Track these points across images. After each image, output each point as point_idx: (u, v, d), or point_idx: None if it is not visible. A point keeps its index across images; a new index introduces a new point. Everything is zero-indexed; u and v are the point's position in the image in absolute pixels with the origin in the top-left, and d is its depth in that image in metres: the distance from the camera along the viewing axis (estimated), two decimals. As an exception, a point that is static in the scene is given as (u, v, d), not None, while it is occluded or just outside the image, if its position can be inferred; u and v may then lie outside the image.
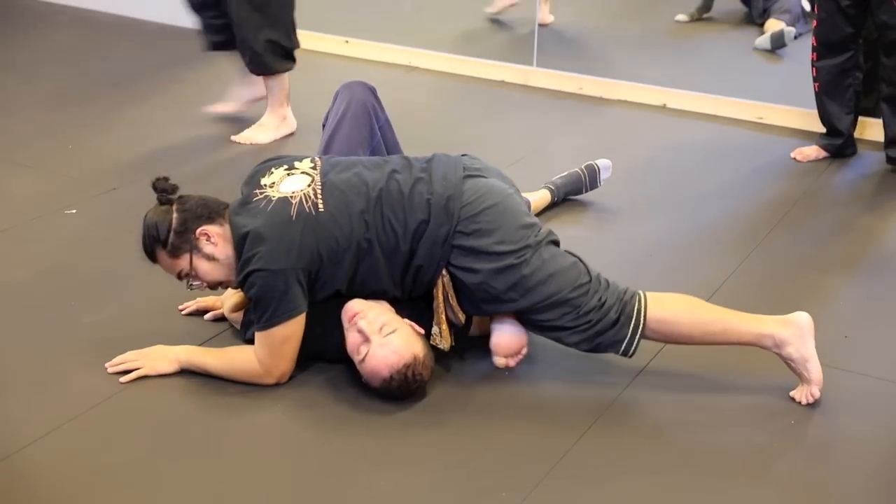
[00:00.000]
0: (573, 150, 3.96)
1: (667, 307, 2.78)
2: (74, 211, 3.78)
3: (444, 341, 2.83)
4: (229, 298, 3.01)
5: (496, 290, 2.76)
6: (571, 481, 2.51)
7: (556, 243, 2.84)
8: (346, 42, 5.61)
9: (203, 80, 5.27)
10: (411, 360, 2.68)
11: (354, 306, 2.76)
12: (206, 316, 3.10)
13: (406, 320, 2.76)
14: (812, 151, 4.34)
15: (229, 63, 4.63)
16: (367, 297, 2.82)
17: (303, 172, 2.83)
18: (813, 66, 4.21)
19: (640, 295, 2.78)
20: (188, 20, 5.90)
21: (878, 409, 2.80)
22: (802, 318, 2.75)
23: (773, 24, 5.58)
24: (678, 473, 2.54)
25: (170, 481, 2.48)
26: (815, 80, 4.23)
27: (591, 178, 3.88)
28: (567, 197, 3.86)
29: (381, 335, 2.69)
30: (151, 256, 2.86)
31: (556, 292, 2.74)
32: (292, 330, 2.73)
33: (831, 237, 3.78)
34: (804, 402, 2.75)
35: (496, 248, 2.74)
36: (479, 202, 2.77)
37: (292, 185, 2.79)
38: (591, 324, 2.76)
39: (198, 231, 2.79)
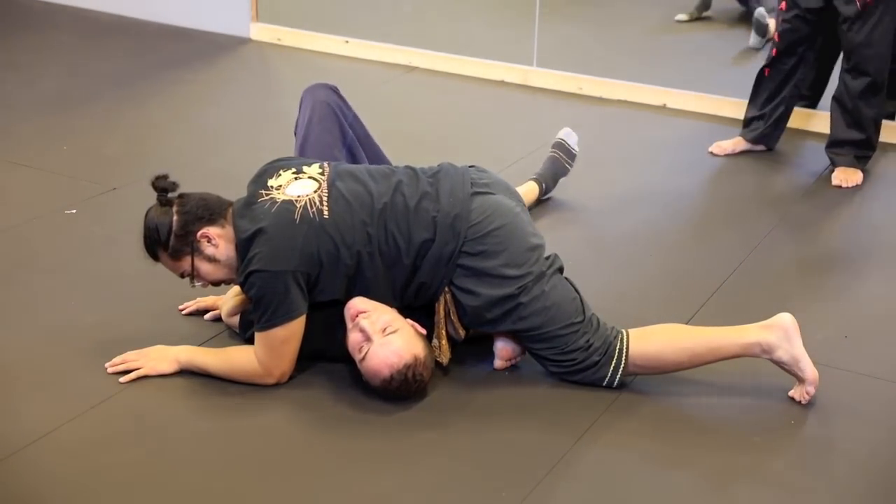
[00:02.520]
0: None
1: (650, 341, 2.79)
2: (74, 211, 3.78)
3: (443, 356, 2.83)
4: (227, 303, 3.01)
5: (491, 316, 2.77)
6: (571, 481, 2.51)
7: (561, 270, 2.85)
8: (346, 42, 5.61)
9: (203, 80, 5.27)
10: (412, 360, 2.68)
11: (358, 304, 2.76)
12: (206, 316, 3.10)
13: (409, 321, 2.76)
14: (730, 144, 4.39)
15: (229, 64, 4.63)
16: None
17: (310, 177, 2.83)
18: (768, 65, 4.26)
19: (622, 334, 2.79)
20: (188, 20, 5.92)
21: (878, 409, 2.80)
22: (786, 320, 2.75)
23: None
24: (678, 473, 2.55)
25: (170, 481, 2.48)
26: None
27: (565, 152, 3.85)
28: (557, 181, 3.84)
29: (383, 335, 2.69)
30: (153, 256, 2.86)
31: (548, 326, 2.75)
32: (292, 331, 2.73)
33: (831, 237, 3.78)
34: (802, 401, 2.75)
35: (501, 271, 2.74)
36: (486, 223, 2.76)
37: (298, 189, 2.79)
38: (574, 363, 2.78)
39: (198, 233, 2.79)
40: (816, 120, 4.59)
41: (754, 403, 2.78)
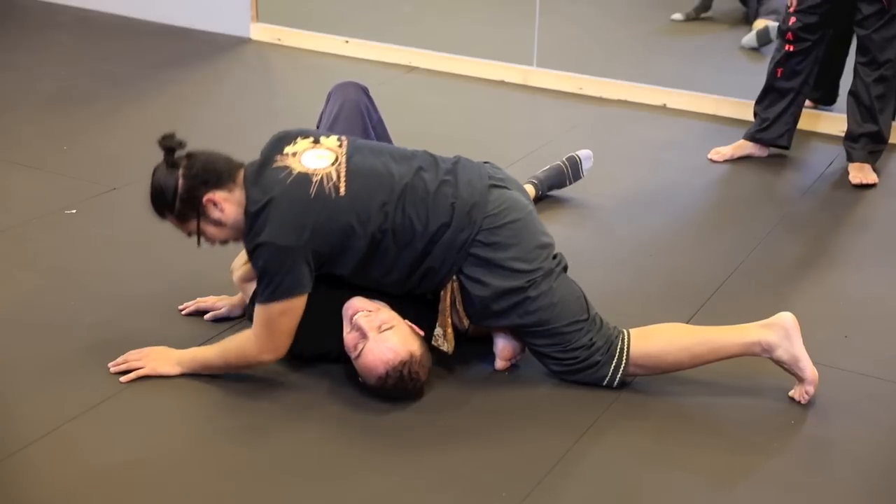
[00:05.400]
0: (573, 150, 3.96)
1: (651, 341, 2.79)
2: (74, 211, 3.78)
3: (447, 344, 2.83)
4: (238, 268, 2.99)
5: (498, 307, 2.76)
6: (571, 481, 2.51)
7: (565, 269, 2.85)
8: (346, 42, 5.61)
9: (203, 81, 5.27)
10: (407, 357, 2.68)
11: (356, 304, 2.76)
12: (206, 316, 3.09)
13: (406, 321, 2.76)
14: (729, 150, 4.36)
15: (229, 64, 4.63)
16: (369, 285, 2.82)
17: (328, 148, 2.80)
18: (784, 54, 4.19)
19: (624, 334, 2.80)
20: (188, 20, 5.92)
21: (877, 409, 2.80)
22: (786, 319, 2.75)
23: (760, 25, 5.59)
24: (678, 473, 2.55)
25: (169, 482, 2.48)
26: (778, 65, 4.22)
27: (573, 170, 3.87)
28: (551, 190, 3.86)
29: (379, 332, 2.69)
30: (160, 216, 2.83)
31: (553, 322, 2.75)
32: (292, 306, 2.69)
33: (831, 236, 3.78)
34: (802, 401, 2.75)
35: (511, 264, 2.74)
36: (502, 215, 2.76)
37: (315, 160, 2.75)
38: (576, 361, 2.78)
39: (205, 198, 2.75)
40: (817, 119, 4.59)
41: (754, 403, 2.78)
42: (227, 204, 2.76)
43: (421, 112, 4.78)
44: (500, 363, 2.89)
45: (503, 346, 2.88)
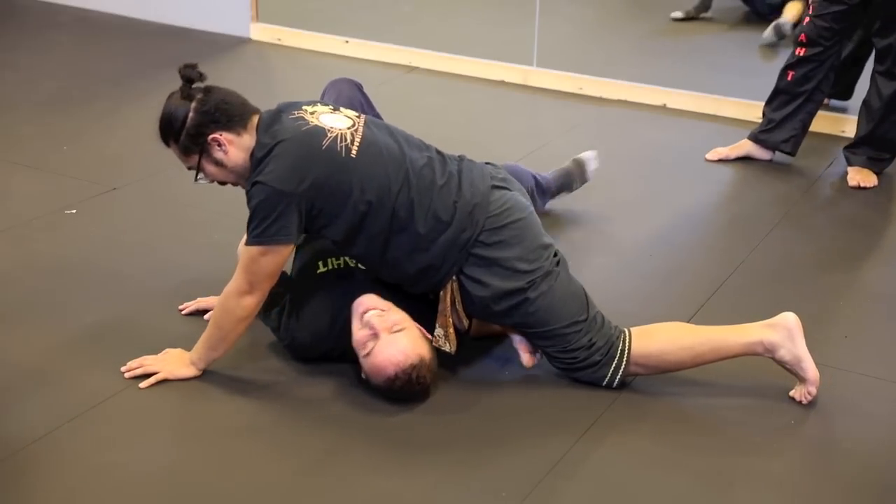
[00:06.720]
0: (573, 150, 3.96)
1: (652, 340, 2.78)
2: (74, 211, 3.78)
3: (449, 344, 2.82)
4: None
5: (499, 308, 2.76)
6: (571, 481, 2.51)
7: (566, 264, 2.85)
8: (346, 42, 5.61)
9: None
10: (417, 361, 2.67)
11: (367, 301, 2.75)
12: (206, 316, 3.08)
13: (416, 324, 2.76)
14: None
15: (229, 64, 4.62)
16: (362, 263, 2.85)
17: (346, 116, 2.81)
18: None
19: (625, 333, 2.80)
20: (188, 20, 5.92)
21: (878, 409, 2.80)
22: (789, 319, 2.75)
23: (793, 7, 5.57)
24: (678, 473, 2.54)
25: (169, 481, 2.48)
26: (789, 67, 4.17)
27: (580, 173, 3.86)
28: (558, 193, 3.85)
29: (391, 332, 2.69)
30: (164, 143, 2.83)
31: (552, 323, 2.75)
32: (275, 251, 2.67)
33: (831, 237, 3.78)
34: (803, 401, 2.75)
35: (514, 264, 2.74)
36: (504, 215, 2.77)
37: (333, 120, 2.77)
38: (576, 361, 2.78)
39: (210, 137, 2.74)
40: (818, 120, 4.57)
41: (755, 403, 2.78)
42: (231, 147, 2.75)
43: (421, 112, 4.77)
44: (525, 357, 2.85)
45: (520, 340, 2.86)
